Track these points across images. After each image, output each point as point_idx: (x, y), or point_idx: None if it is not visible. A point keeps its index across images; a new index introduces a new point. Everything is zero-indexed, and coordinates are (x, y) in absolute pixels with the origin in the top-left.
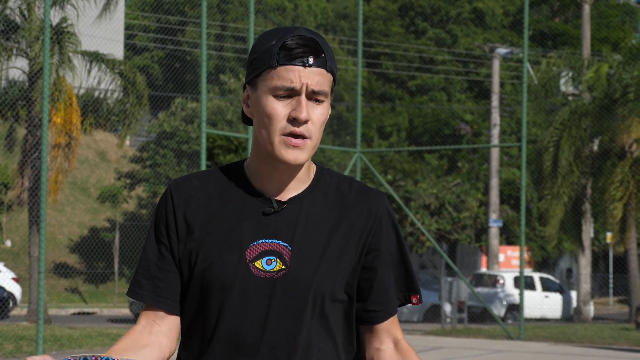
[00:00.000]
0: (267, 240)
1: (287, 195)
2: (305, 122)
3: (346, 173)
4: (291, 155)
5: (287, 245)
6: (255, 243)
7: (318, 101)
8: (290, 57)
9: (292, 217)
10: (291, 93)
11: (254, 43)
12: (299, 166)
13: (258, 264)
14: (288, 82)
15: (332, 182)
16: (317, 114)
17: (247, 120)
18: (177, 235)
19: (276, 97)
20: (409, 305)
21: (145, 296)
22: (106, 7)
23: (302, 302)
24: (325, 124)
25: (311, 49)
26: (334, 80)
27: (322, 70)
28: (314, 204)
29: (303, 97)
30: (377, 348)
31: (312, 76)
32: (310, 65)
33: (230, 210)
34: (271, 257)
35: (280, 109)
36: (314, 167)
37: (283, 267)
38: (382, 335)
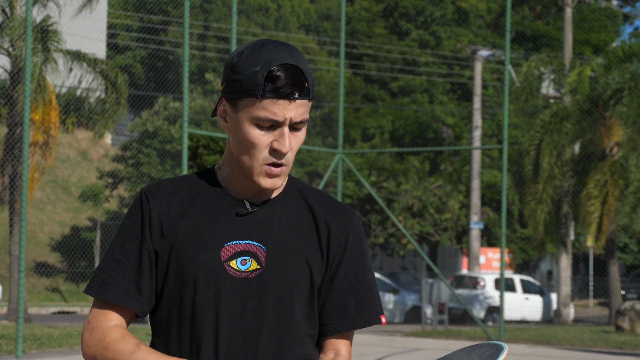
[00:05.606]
0: (241, 242)
1: (260, 198)
2: (286, 153)
3: (328, 174)
4: (269, 183)
5: (261, 245)
6: (229, 243)
7: (298, 129)
8: (277, 93)
9: (266, 219)
10: (274, 124)
11: (235, 61)
12: None
13: (233, 263)
14: (272, 115)
15: (304, 192)
16: (296, 141)
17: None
18: (151, 236)
19: (259, 126)
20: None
21: (116, 296)
22: (88, 4)
23: (277, 300)
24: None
25: (296, 83)
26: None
27: (305, 101)
28: (287, 208)
29: (286, 129)
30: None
31: (295, 109)
32: (295, 99)
33: (204, 212)
34: (246, 258)
35: (262, 138)
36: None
37: (258, 266)
38: (326, 346)
